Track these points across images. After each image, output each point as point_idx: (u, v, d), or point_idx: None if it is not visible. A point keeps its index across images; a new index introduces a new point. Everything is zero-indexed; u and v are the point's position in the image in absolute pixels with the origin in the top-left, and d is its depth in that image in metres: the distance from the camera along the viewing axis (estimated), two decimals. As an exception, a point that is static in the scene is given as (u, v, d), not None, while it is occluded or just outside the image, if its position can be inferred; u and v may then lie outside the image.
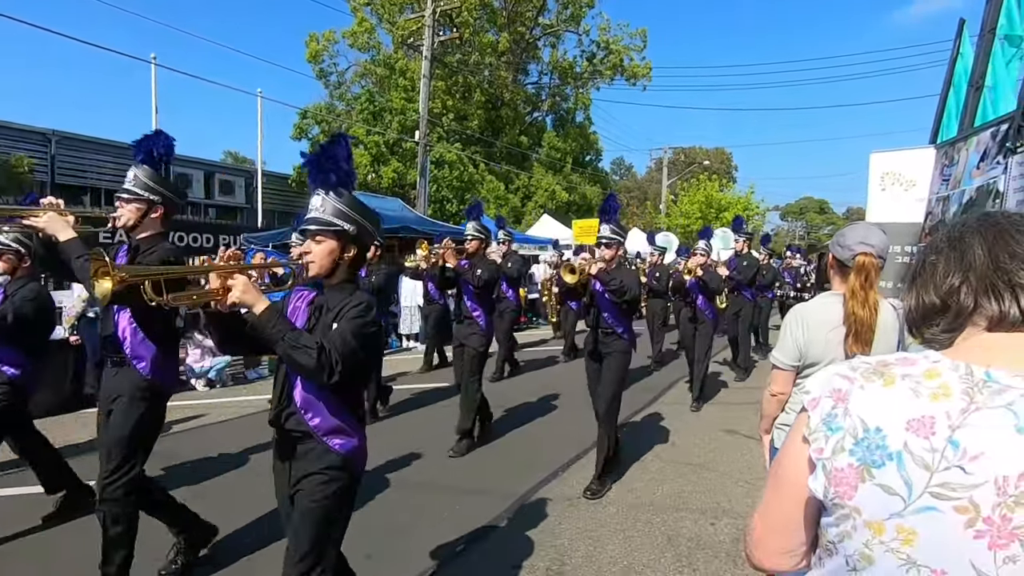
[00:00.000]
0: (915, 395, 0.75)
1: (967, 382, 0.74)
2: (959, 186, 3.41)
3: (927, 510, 0.71)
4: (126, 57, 18.58)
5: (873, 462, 0.75)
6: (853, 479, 0.76)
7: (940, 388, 0.74)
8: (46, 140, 16.03)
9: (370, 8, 21.98)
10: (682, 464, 4.60)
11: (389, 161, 19.66)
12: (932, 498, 0.71)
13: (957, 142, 3.67)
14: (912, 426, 0.73)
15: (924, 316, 0.87)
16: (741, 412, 6.21)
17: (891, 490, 0.73)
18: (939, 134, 5.00)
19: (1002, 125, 2.97)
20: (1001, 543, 0.68)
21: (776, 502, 0.91)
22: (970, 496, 0.69)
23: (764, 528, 0.93)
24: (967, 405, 0.72)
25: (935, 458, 0.71)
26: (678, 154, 42.66)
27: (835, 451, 0.78)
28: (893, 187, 4.18)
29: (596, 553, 3.18)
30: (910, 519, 0.72)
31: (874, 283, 1.92)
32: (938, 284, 0.84)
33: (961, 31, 5.36)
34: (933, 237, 0.91)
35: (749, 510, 3.68)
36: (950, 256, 0.84)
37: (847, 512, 0.77)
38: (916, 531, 0.72)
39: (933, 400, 0.74)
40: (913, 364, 0.79)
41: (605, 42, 24.53)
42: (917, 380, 0.76)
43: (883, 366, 0.81)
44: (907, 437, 0.73)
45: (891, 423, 0.75)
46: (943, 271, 0.84)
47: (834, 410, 0.80)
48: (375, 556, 3.12)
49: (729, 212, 27.90)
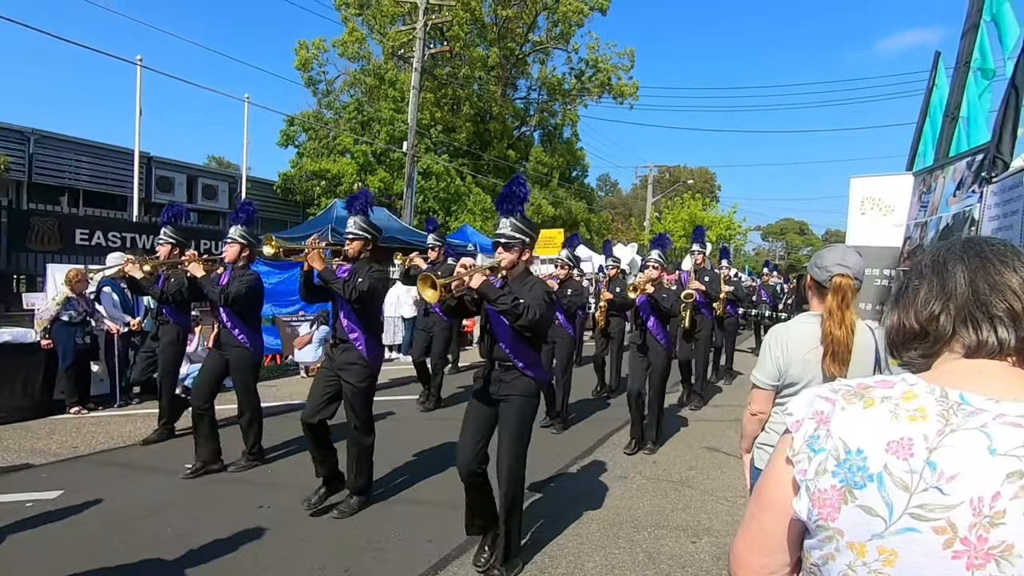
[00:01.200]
0: (894, 417, 0.76)
1: (943, 404, 0.75)
2: (936, 213, 3.51)
3: (907, 531, 0.72)
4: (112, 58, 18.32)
5: (855, 483, 0.75)
6: (836, 500, 0.77)
7: (918, 410, 0.76)
8: (24, 138, 15.70)
9: (361, 19, 22.05)
10: (663, 481, 4.60)
11: (376, 171, 19.62)
12: (912, 519, 0.72)
13: (935, 170, 3.78)
14: (892, 448, 0.74)
15: (904, 340, 0.88)
16: (722, 429, 6.25)
17: (872, 511, 0.74)
18: (915, 162, 5.15)
19: (978, 155, 3.07)
20: (978, 563, 0.69)
21: (759, 522, 0.91)
22: (948, 517, 0.70)
23: (747, 548, 0.93)
24: (943, 427, 0.73)
25: (914, 479, 0.72)
26: (663, 172, 43.25)
27: (818, 472, 0.79)
28: (872, 211, 4.28)
29: (576, 570, 3.15)
30: (891, 540, 0.73)
31: (850, 303, 1.95)
32: (919, 309, 0.85)
33: (937, 63, 5.54)
34: (918, 259, 0.93)
35: (730, 528, 3.70)
36: (932, 281, 0.86)
37: (830, 534, 0.78)
38: (897, 552, 0.73)
39: (911, 422, 0.75)
40: (891, 387, 0.81)
41: (594, 60, 24.89)
42: (896, 402, 0.78)
43: (863, 388, 0.82)
44: (887, 459, 0.74)
45: (871, 445, 0.76)
46: (924, 297, 0.85)
47: (816, 432, 0.81)
48: (352, 571, 3.07)
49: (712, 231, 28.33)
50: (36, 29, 9.70)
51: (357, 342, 3.74)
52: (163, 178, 17.90)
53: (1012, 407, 0.73)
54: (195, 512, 3.70)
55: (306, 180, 19.34)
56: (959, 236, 0.99)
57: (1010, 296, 0.80)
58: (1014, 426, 0.71)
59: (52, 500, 3.78)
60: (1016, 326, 0.79)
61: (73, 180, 16.21)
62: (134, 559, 3.08)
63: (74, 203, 16.04)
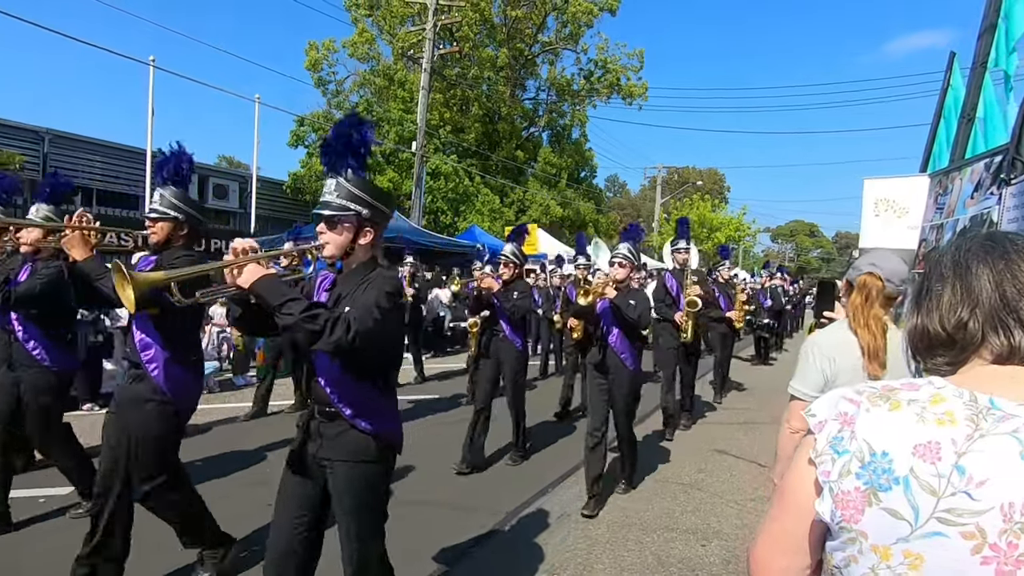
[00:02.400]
0: (921, 420, 0.75)
1: (972, 409, 0.74)
2: (953, 215, 3.47)
3: (934, 535, 0.71)
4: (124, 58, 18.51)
5: (880, 486, 0.74)
6: (860, 503, 0.76)
7: (945, 414, 0.74)
8: (39, 138, 15.90)
9: (371, 19, 22.14)
10: (672, 483, 4.58)
11: (385, 171, 19.69)
12: (939, 523, 0.70)
13: (951, 172, 3.74)
14: (918, 451, 0.73)
15: (929, 346, 0.86)
16: (731, 432, 6.22)
17: (898, 515, 0.73)
18: (930, 163, 5.10)
19: (996, 157, 3.03)
20: (1007, 570, 0.68)
21: (781, 523, 0.90)
22: (976, 522, 0.69)
23: (768, 550, 0.91)
24: (972, 432, 0.72)
25: (941, 483, 0.71)
26: (672, 173, 43.14)
27: (842, 474, 0.78)
28: (886, 213, 4.24)
29: (585, 572, 3.14)
30: (917, 544, 0.72)
31: (874, 303, 1.90)
32: (944, 315, 0.83)
33: (952, 64, 5.48)
34: (936, 259, 0.90)
35: (740, 532, 3.68)
36: (956, 286, 0.83)
37: (853, 536, 0.77)
38: (923, 556, 0.71)
39: (939, 425, 0.74)
40: (918, 389, 0.79)
41: (603, 61, 24.84)
42: (923, 405, 0.76)
43: (889, 391, 0.81)
44: (913, 462, 0.73)
45: (897, 447, 0.75)
46: (949, 302, 0.83)
47: (840, 433, 0.80)
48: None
49: (721, 232, 28.22)
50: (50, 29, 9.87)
51: (152, 366, 2.58)
52: (175, 178, 17.94)
53: None
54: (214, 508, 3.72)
55: (316, 180, 19.42)
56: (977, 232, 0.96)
57: None
58: None
59: (65, 496, 3.81)
60: None
61: (87, 179, 16.39)
62: (143, 552, 3.10)
63: (87, 202, 16.20)
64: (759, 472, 4.90)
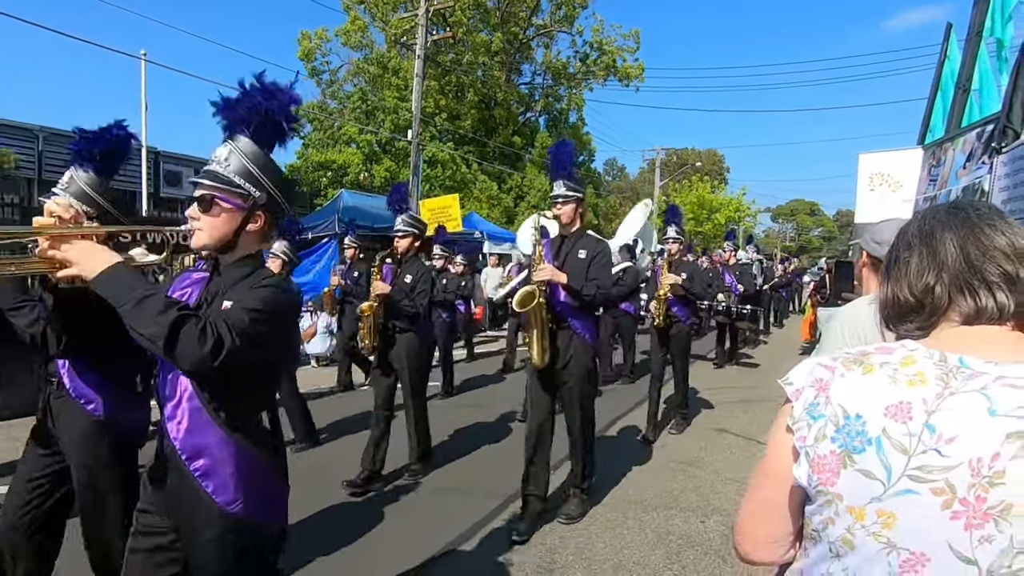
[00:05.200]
0: (893, 382, 0.77)
1: (942, 368, 0.75)
2: (946, 186, 3.46)
3: (905, 493, 0.72)
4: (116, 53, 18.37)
5: (854, 448, 0.76)
6: (835, 465, 0.77)
7: (916, 375, 0.76)
8: (33, 136, 15.85)
9: (363, 6, 21.90)
10: (672, 462, 4.62)
11: (382, 160, 19.60)
12: (910, 481, 0.72)
13: (944, 143, 3.72)
14: (890, 411, 0.75)
15: (900, 313, 0.88)
16: (730, 411, 6.25)
17: (871, 475, 0.74)
18: (926, 136, 5.06)
19: (987, 126, 3.01)
20: (976, 523, 0.69)
21: (762, 492, 0.92)
22: (946, 478, 0.70)
23: (751, 519, 0.94)
24: (942, 390, 0.73)
25: (912, 442, 0.73)
26: (671, 155, 42.85)
27: (817, 438, 0.79)
28: (881, 187, 4.22)
29: (586, 550, 3.18)
30: (889, 503, 0.73)
31: None
32: (912, 281, 0.85)
33: (948, 35, 5.42)
34: (903, 228, 0.92)
35: (739, 508, 3.71)
36: (922, 252, 0.85)
37: (830, 499, 0.78)
38: (895, 514, 0.73)
39: (910, 386, 0.75)
40: (891, 352, 0.81)
41: (598, 43, 24.59)
42: (895, 367, 0.78)
43: (863, 355, 0.82)
44: (886, 423, 0.75)
45: (870, 409, 0.76)
46: (916, 268, 0.85)
47: (816, 399, 0.81)
48: (362, 552, 3.11)
49: (721, 213, 28.11)
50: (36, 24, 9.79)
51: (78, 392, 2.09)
52: (171, 172, 18.01)
53: (1013, 369, 0.73)
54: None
55: (312, 171, 19.36)
56: (942, 203, 0.98)
57: (1002, 259, 0.79)
58: (1014, 388, 0.71)
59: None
60: (1012, 290, 0.78)
61: (82, 176, 16.34)
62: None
63: (84, 199, 16.18)
64: (759, 450, 4.93)
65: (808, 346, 10.94)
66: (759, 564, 0.96)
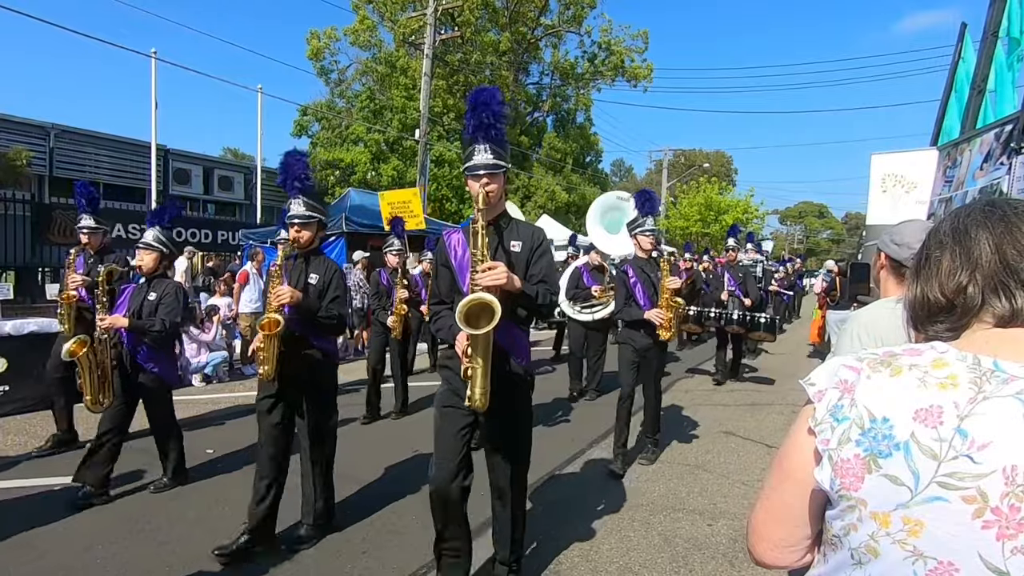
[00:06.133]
0: (923, 385, 0.73)
1: (975, 372, 0.72)
2: (962, 187, 3.40)
3: (934, 500, 0.69)
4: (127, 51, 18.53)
5: (880, 452, 0.73)
6: (859, 470, 0.74)
7: (948, 378, 0.73)
8: (44, 133, 16.00)
9: (372, 6, 21.96)
10: (679, 465, 4.58)
11: (389, 159, 19.65)
12: (939, 488, 0.69)
13: (960, 143, 3.66)
14: (920, 415, 0.72)
15: (929, 314, 0.85)
16: (738, 414, 6.20)
17: (898, 480, 0.72)
18: (940, 137, 5.00)
19: (1006, 126, 2.96)
20: (1009, 533, 0.66)
21: (780, 494, 0.88)
22: (978, 486, 0.68)
23: (766, 520, 0.91)
24: (975, 394, 0.70)
25: (943, 447, 0.70)
26: (678, 156, 42.72)
27: (841, 442, 0.77)
28: (894, 188, 4.16)
29: (592, 553, 3.16)
30: (916, 510, 0.71)
31: None
32: (943, 281, 0.82)
33: (963, 35, 5.35)
34: (936, 227, 0.89)
35: (746, 511, 3.67)
36: (956, 251, 0.82)
37: (852, 504, 0.76)
38: (923, 522, 0.70)
39: (941, 390, 0.72)
40: (920, 355, 0.78)
41: (607, 43, 24.56)
42: (924, 370, 0.75)
43: (890, 356, 0.79)
44: (914, 427, 0.72)
45: (898, 413, 0.73)
46: (948, 268, 0.82)
47: (840, 401, 0.78)
48: (370, 552, 3.10)
49: (729, 215, 27.93)
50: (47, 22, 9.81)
51: None
52: (180, 170, 18.12)
53: None
54: (220, 493, 3.77)
55: (320, 170, 19.43)
56: (978, 200, 0.94)
57: None
58: None
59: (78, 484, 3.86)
60: None
61: (93, 173, 16.49)
62: (158, 540, 3.15)
63: (94, 196, 16.30)
64: (766, 452, 4.89)
65: (816, 349, 10.86)
66: (772, 567, 0.93)
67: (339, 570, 2.94)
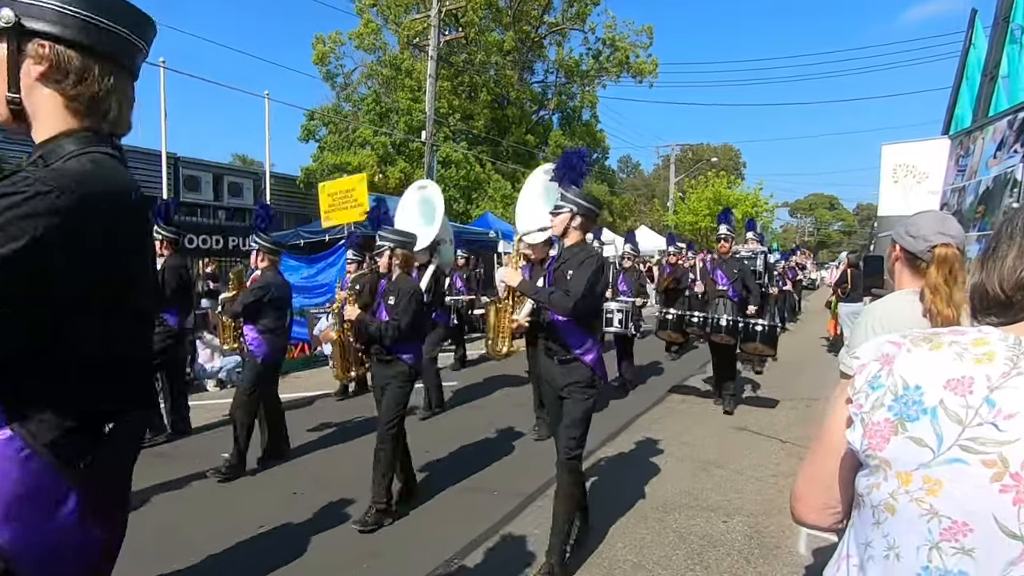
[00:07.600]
0: (959, 358, 0.75)
1: (1014, 351, 0.74)
2: (975, 176, 3.35)
3: (954, 462, 0.71)
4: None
5: (908, 416, 0.76)
6: (887, 431, 0.77)
7: (985, 354, 0.74)
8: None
9: (376, 9, 22.01)
10: (692, 461, 4.56)
11: (396, 161, 19.70)
12: (961, 450, 0.71)
13: (973, 132, 3.60)
14: (951, 385, 0.74)
15: (984, 307, 0.85)
16: (751, 410, 6.16)
17: (921, 442, 0.74)
18: (952, 125, 4.92)
19: (1020, 113, 2.91)
20: None
21: (820, 458, 0.94)
22: (1000, 452, 0.69)
23: (808, 486, 0.97)
24: (1009, 370, 0.72)
25: (969, 414, 0.72)
26: (686, 151, 42.45)
27: (874, 407, 0.79)
28: (906, 179, 4.11)
29: (607, 550, 3.15)
30: (937, 470, 0.73)
31: (958, 278, 1.68)
32: (1005, 276, 0.81)
33: (973, 21, 5.27)
34: (1009, 217, 0.88)
35: (762, 508, 3.65)
36: (1022, 246, 0.81)
37: (878, 463, 0.78)
38: (941, 481, 0.72)
39: (976, 363, 0.74)
40: (963, 334, 0.79)
41: (611, 39, 24.42)
42: (964, 346, 0.77)
43: (934, 334, 0.81)
44: (944, 394, 0.74)
45: (930, 382, 0.75)
46: (1012, 263, 0.81)
47: (879, 372, 0.81)
48: (383, 553, 3.12)
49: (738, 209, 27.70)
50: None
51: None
52: (190, 177, 18.29)
53: None
54: (230, 497, 3.81)
55: (328, 173, 19.53)
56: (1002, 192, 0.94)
57: None
58: None
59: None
60: None
61: (105, 183, 16.67)
62: (164, 540, 3.19)
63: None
64: (780, 447, 4.85)
65: (831, 342, 10.77)
66: (813, 528, 1.01)
67: (348, 570, 2.96)
